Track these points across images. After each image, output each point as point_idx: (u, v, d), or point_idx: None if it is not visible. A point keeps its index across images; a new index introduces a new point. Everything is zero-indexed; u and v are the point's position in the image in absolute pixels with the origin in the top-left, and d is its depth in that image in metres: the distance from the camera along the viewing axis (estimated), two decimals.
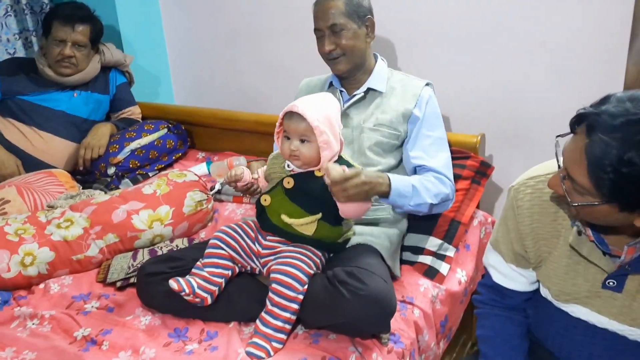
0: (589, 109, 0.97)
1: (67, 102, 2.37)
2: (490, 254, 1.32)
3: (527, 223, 1.18)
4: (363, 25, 1.71)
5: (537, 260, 1.21)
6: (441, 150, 1.74)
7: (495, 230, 1.29)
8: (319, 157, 1.42)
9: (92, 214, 1.80)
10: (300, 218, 1.43)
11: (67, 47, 2.28)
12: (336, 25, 1.67)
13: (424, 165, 1.69)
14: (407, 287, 1.61)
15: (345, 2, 1.68)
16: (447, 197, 1.65)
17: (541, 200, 1.16)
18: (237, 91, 2.76)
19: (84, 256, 1.73)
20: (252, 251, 1.51)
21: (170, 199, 1.89)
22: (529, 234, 1.19)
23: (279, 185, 1.46)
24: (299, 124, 1.40)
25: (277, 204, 1.46)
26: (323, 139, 1.38)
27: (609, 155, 0.91)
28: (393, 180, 1.51)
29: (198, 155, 2.59)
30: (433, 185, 1.62)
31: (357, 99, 1.78)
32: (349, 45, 1.69)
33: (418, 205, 1.57)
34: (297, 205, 1.43)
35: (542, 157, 2.04)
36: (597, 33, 1.89)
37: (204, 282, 1.44)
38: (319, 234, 1.45)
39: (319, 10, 1.71)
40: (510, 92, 2.09)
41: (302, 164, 1.44)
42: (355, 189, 1.34)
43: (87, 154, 2.30)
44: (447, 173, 1.70)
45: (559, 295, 1.18)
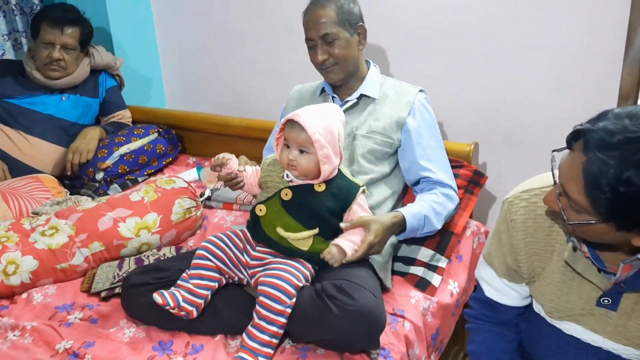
0: (586, 125, 0.94)
1: (56, 105, 2.33)
2: (482, 268, 1.29)
3: (521, 237, 1.15)
4: (355, 33, 1.69)
5: (530, 275, 1.18)
6: (444, 158, 1.76)
7: (488, 243, 1.26)
8: (317, 169, 1.39)
9: (77, 221, 1.76)
10: (297, 232, 1.40)
11: (55, 50, 2.24)
12: (328, 35, 1.64)
13: (430, 177, 1.69)
14: (398, 299, 1.58)
15: (337, 10, 1.65)
16: (452, 212, 1.71)
17: (535, 215, 1.13)
18: (230, 95, 2.73)
19: (69, 265, 1.70)
20: (240, 262, 1.48)
21: (158, 206, 1.85)
22: (522, 249, 1.16)
23: (276, 196, 1.42)
24: (299, 135, 1.37)
25: (273, 215, 1.42)
26: (323, 153, 1.36)
27: (606, 174, 0.88)
28: (408, 220, 1.55)
29: (189, 160, 2.56)
30: (442, 208, 1.64)
31: (349, 105, 1.75)
32: (342, 54, 1.66)
33: (427, 233, 1.62)
34: (293, 219, 1.40)
35: (536, 165, 2.06)
36: (592, 41, 1.87)
37: (190, 294, 1.40)
38: (314, 248, 1.42)
39: (309, 20, 1.68)
40: (503, 99, 2.07)
41: (300, 174, 1.41)
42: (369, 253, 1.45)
43: (75, 159, 2.25)
44: (453, 184, 1.72)
45: (552, 312, 1.16)
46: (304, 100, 1.85)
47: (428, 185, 1.70)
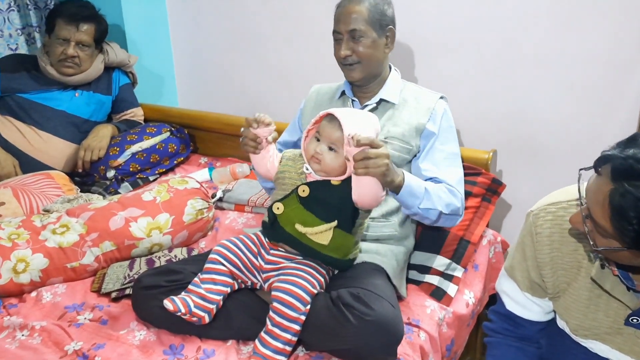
0: (615, 152, 0.91)
1: (68, 101, 2.31)
2: (504, 281, 1.26)
3: (547, 252, 1.12)
4: (384, 35, 1.66)
5: (554, 291, 1.15)
6: (454, 166, 1.68)
7: (511, 256, 1.23)
8: (339, 169, 1.37)
9: (89, 219, 1.74)
10: (315, 226, 1.37)
11: (70, 46, 2.22)
12: (356, 31, 1.61)
13: (435, 177, 1.63)
14: (413, 308, 1.55)
15: (370, 8, 1.62)
16: (457, 210, 1.59)
17: (562, 229, 1.10)
18: (242, 96, 2.71)
19: (79, 264, 1.67)
20: (254, 266, 1.45)
21: (170, 206, 1.83)
22: (547, 263, 1.13)
23: (293, 193, 1.39)
24: (334, 131, 1.34)
25: (291, 212, 1.39)
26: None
27: (635, 207, 0.86)
28: (407, 176, 1.45)
29: (200, 161, 2.54)
30: (445, 195, 1.57)
31: (368, 109, 1.72)
32: (366, 53, 1.63)
33: (427, 210, 1.51)
34: (311, 214, 1.37)
35: (553, 174, 2.03)
36: (611, 50, 1.84)
37: (201, 300, 1.37)
38: (335, 242, 1.38)
39: (340, 13, 1.64)
40: (522, 106, 2.04)
41: (321, 170, 1.38)
42: (377, 160, 1.25)
43: (86, 156, 2.24)
44: (459, 188, 1.64)
45: (577, 330, 1.12)
46: (322, 102, 1.82)
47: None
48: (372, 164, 1.26)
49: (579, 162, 1.92)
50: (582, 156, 1.96)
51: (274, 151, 1.47)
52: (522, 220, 2.12)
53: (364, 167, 1.26)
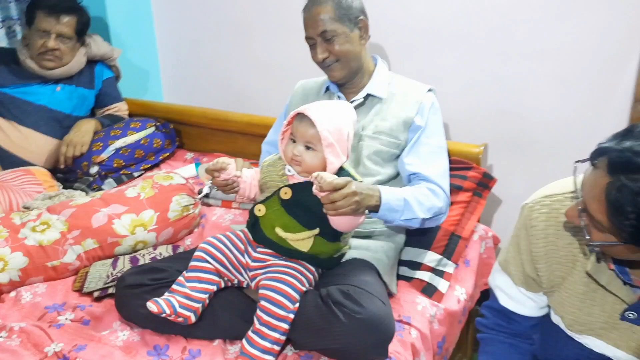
0: (611, 144, 0.89)
1: (50, 96, 2.25)
2: (497, 275, 1.23)
3: (541, 245, 1.10)
4: (356, 27, 1.62)
5: (549, 285, 1.12)
6: (438, 159, 1.63)
7: (505, 250, 1.20)
8: (321, 167, 1.32)
9: (70, 217, 1.69)
10: (297, 232, 1.33)
11: (51, 39, 2.16)
12: (327, 32, 1.58)
13: (418, 173, 1.59)
14: (404, 305, 1.52)
15: (334, 6, 1.58)
16: (440, 210, 1.55)
17: (557, 222, 1.07)
18: (230, 89, 2.66)
19: (60, 263, 1.62)
20: (241, 263, 1.41)
21: (155, 203, 1.78)
22: (542, 257, 1.10)
23: (275, 195, 1.35)
24: (307, 129, 1.30)
25: (272, 215, 1.35)
26: (330, 151, 1.29)
27: (632, 202, 0.83)
28: (384, 193, 1.40)
29: (186, 156, 2.48)
30: (426, 198, 1.52)
31: (356, 105, 1.68)
32: (343, 50, 1.60)
33: (409, 220, 1.47)
34: (293, 218, 1.33)
35: (545, 168, 2.01)
36: (601, 41, 1.81)
37: (186, 299, 1.33)
38: (315, 250, 1.35)
39: (307, 18, 1.61)
40: (512, 99, 2.01)
41: (303, 170, 1.34)
42: (345, 201, 1.23)
43: (68, 152, 2.17)
44: (442, 184, 1.59)
45: (572, 325, 1.10)
46: (308, 97, 1.78)
47: (416, 182, 1.60)
48: (340, 206, 1.23)
49: (570, 156, 1.89)
50: (574, 150, 1.94)
51: (252, 174, 1.45)
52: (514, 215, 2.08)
53: (332, 209, 1.24)
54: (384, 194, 1.41)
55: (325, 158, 1.30)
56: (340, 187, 1.22)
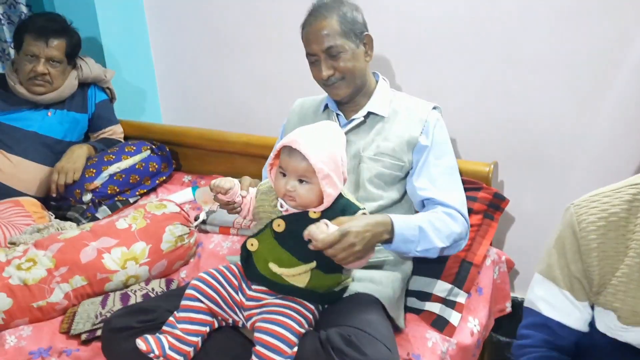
0: None
1: (40, 121, 2.17)
2: (538, 286, 1.14)
3: (593, 237, 1.04)
4: (361, 43, 1.52)
5: (600, 282, 1.05)
6: (452, 181, 1.53)
7: (547, 256, 1.13)
8: (318, 199, 1.22)
9: (57, 252, 1.61)
10: (292, 267, 1.23)
11: (40, 63, 2.09)
12: (332, 47, 1.48)
13: (432, 198, 1.49)
14: (413, 341, 1.42)
15: (340, 20, 1.48)
16: (459, 236, 1.44)
17: (609, 214, 1.04)
18: (229, 108, 2.58)
19: (47, 302, 1.53)
20: (235, 302, 1.31)
21: (147, 234, 1.69)
22: (594, 249, 1.04)
23: (267, 228, 1.26)
24: (299, 164, 1.19)
25: (265, 249, 1.26)
26: (327, 182, 1.19)
27: None
28: (397, 224, 1.30)
29: (184, 179, 2.40)
30: (443, 225, 1.41)
31: (356, 124, 1.59)
32: (349, 67, 1.50)
33: (426, 251, 1.37)
34: (288, 252, 1.23)
35: (559, 183, 1.89)
36: (614, 53, 1.71)
37: (177, 341, 1.24)
38: (313, 284, 1.25)
39: (310, 33, 1.51)
40: (522, 114, 1.91)
41: (298, 205, 1.24)
42: (344, 253, 1.15)
43: (60, 179, 2.09)
44: (460, 207, 1.48)
45: (628, 317, 1.02)
46: (306, 117, 1.69)
47: (431, 207, 1.50)
48: (342, 259, 1.17)
49: (586, 170, 1.83)
50: (590, 163, 1.84)
51: (253, 196, 1.37)
52: (527, 234, 2.02)
53: (337, 260, 1.17)
54: (396, 225, 1.31)
55: (322, 191, 1.20)
56: (335, 241, 1.14)
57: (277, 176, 1.25)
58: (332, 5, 1.52)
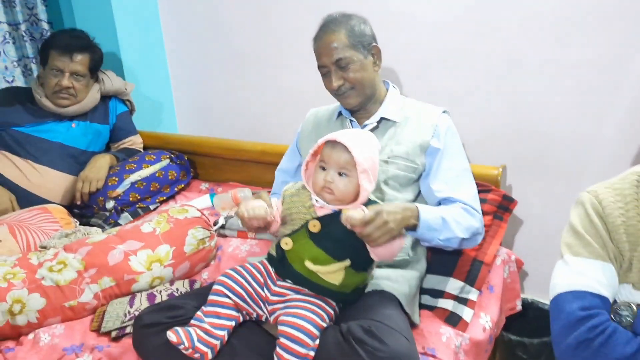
0: None
1: (65, 133, 2.27)
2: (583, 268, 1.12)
3: (617, 215, 1.11)
4: (369, 54, 1.61)
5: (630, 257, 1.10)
6: (466, 183, 1.61)
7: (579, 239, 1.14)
8: (354, 194, 1.31)
9: (86, 255, 1.68)
10: (327, 265, 1.30)
11: (65, 77, 2.19)
12: (342, 59, 1.56)
13: (449, 197, 1.57)
14: (428, 336, 1.47)
15: (348, 33, 1.57)
16: (477, 230, 1.53)
17: (624, 195, 1.12)
18: (243, 118, 2.66)
19: (77, 302, 1.61)
20: (260, 297, 1.38)
21: (170, 237, 1.77)
22: (620, 226, 1.11)
23: (303, 228, 1.33)
24: (341, 155, 1.29)
25: (300, 248, 1.32)
26: (365, 176, 1.28)
27: None
28: (422, 211, 1.39)
29: (201, 187, 2.48)
30: (463, 218, 1.50)
31: (369, 129, 1.66)
32: (358, 77, 1.58)
33: (448, 240, 1.45)
34: (323, 251, 1.30)
35: (566, 186, 1.96)
36: (619, 59, 1.78)
37: (205, 334, 1.30)
38: (346, 281, 1.32)
39: (320, 46, 1.60)
40: (529, 118, 1.98)
41: (335, 199, 1.32)
42: (379, 231, 1.23)
43: (84, 188, 2.18)
44: (475, 205, 1.57)
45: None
46: (320, 125, 1.77)
47: (448, 204, 1.57)
48: (377, 237, 1.24)
49: (593, 173, 1.89)
50: (596, 166, 1.90)
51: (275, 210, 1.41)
52: (536, 236, 2.08)
53: (371, 242, 1.25)
54: (422, 212, 1.39)
55: (360, 184, 1.29)
56: (371, 220, 1.22)
57: (317, 170, 1.33)
58: (340, 19, 1.60)
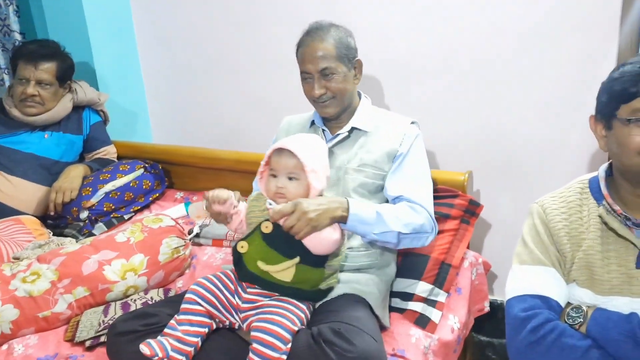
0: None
1: (38, 143, 2.27)
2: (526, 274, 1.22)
3: (559, 220, 1.21)
4: (352, 67, 1.65)
5: (572, 257, 1.19)
6: (421, 182, 1.64)
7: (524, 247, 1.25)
8: (305, 195, 1.37)
9: (60, 265, 1.69)
10: (277, 264, 1.35)
11: (30, 85, 2.19)
12: (327, 69, 1.59)
13: (401, 195, 1.60)
14: (398, 338, 1.52)
15: (336, 44, 1.60)
16: (421, 228, 1.52)
17: (567, 202, 1.23)
18: (219, 127, 2.68)
19: (51, 313, 1.61)
20: (232, 305, 1.41)
21: (144, 246, 1.78)
22: (562, 229, 1.20)
23: (256, 230, 1.37)
24: (288, 160, 1.35)
25: (254, 250, 1.37)
26: (314, 176, 1.35)
27: None
28: (352, 204, 1.42)
29: (176, 196, 2.49)
30: (403, 214, 1.51)
31: (340, 138, 1.71)
32: (340, 88, 1.62)
33: (384, 234, 1.47)
34: (274, 251, 1.35)
35: (532, 190, 2.03)
36: (582, 67, 1.86)
37: (178, 342, 1.33)
38: (298, 278, 1.36)
39: (306, 53, 1.62)
40: (495, 125, 2.05)
41: (288, 202, 1.36)
42: (300, 222, 1.29)
43: (57, 198, 2.18)
44: (425, 203, 1.57)
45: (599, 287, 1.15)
46: (294, 133, 1.79)
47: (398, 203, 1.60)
48: (299, 228, 1.30)
49: (556, 176, 1.96)
50: (559, 170, 1.98)
51: (243, 208, 1.46)
52: (504, 239, 2.14)
53: (295, 233, 1.30)
54: (352, 205, 1.42)
55: (309, 184, 1.35)
56: (289, 211, 1.29)
57: (268, 179, 1.39)
58: (328, 29, 1.63)
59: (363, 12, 2.14)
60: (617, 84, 1.12)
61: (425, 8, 2.03)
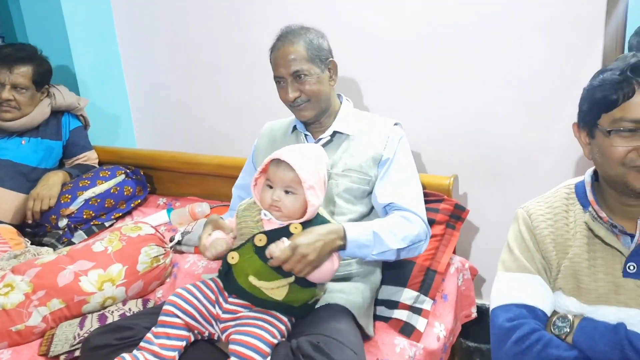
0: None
1: (15, 150, 2.21)
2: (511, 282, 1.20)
3: (545, 226, 1.19)
4: (326, 68, 1.62)
5: (557, 265, 1.17)
6: (411, 189, 1.60)
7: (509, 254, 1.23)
8: (302, 210, 1.32)
9: (35, 277, 1.64)
10: (270, 281, 1.30)
11: (5, 90, 2.14)
12: (299, 71, 1.56)
13: (392, 203, 1.56)
14: (382, 348, 1.48)
15: (306, 46, 1.57)
16: (416, 238, 1.50)
17: (553, 207, 1.21)
18: (202, 132, 2.65)
19: (25, 326, 1.56)
20: (212, 315, 1.37)
21: (122, 256, 1.74)
22: (547, 236, 1.18)
23: (249, 242, 1.32)
24: (286, 174, 1.30)
25: (245, 262, 1.32)
26: (311, 193, 1.29)
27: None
28: (349, 230, 1.38)
29: (159, 202, 2.45)
30: (399, 227, 1.48)
31: (323, 143, 1.67)
32: (314, 90, 1.59)
33: (382, 254, 1.44)
34: (267, 266, 1.29)
35: (518, 192, 2.01)
36: (563, 67, 1.84)
37: (154, 357, 1.28)
38: (290, 297, 1.32)
39: (278, 57, 1.60)
40: (480, 128, 2.03)
41: (282, 215, 1.32)
42: (300, 265, 1.25)
43: (35, 206, 2.12)
44: (417, 210, 1.55)
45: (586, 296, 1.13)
46: (276, 138, 1.77)
47: (391, 212, 1.56)
48: (300, 271, 1.26)
49: (542, 178, 1.94)
50: (545, 172, 1.95)
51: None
52: (491, 243, 2.11)
53: (296, 273, 1.27)
54: (349, 231, 1.38)
55: (307, 201, 1.29)
56: (288, 258, 1.24)
57: (264, 189, 1.33)
58: (299, 31, 1.61)
59: (346, 14, 2.11)
60: (597, 92, 1.10)
61: (410, 10, 2.01)
